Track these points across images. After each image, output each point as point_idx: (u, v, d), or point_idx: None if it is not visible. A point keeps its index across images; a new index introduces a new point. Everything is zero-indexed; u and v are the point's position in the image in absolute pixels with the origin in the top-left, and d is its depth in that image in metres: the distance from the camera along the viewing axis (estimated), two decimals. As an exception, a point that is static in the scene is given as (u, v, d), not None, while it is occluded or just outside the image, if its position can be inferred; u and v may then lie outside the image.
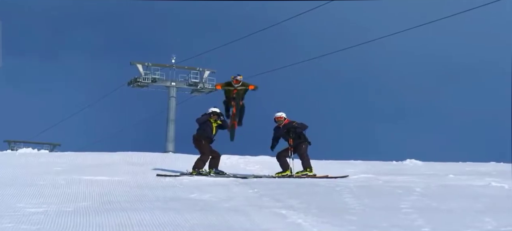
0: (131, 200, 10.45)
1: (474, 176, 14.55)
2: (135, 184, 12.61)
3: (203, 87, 50.62)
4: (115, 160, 17.35)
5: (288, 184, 12.86)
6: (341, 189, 11.78)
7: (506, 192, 11.57)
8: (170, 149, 46.47)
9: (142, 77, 49.75)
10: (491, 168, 17.40)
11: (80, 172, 14.09)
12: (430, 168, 17.66)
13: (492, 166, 18.41)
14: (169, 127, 48.71)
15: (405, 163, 19.29)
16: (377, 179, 13.87)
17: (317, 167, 14.95)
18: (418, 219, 8.76)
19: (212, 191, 11.67)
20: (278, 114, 15.08)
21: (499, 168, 17.78)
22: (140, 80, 49.77)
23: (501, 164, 19.04)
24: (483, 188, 12.16)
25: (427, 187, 12.10)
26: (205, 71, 50.71)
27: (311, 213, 9.15)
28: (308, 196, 10.99)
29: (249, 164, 17.53)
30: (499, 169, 17.00)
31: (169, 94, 50.11)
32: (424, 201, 10.39)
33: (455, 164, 19.06)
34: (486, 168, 17.61)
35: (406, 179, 13.71)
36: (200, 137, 14.63)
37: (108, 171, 14.49)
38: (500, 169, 17.22)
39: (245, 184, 12.87)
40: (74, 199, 10.54)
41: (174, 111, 49.59)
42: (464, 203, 10.30)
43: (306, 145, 14.81)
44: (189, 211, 9.21)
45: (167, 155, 24.22)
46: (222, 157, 15.21)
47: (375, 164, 18.87)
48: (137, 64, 49.94)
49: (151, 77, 49.82)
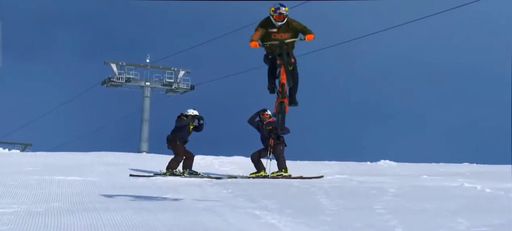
0: (104, 200, 10.37)
1: (447, 177, 14.70)
2: (108, 185, 12.52)
3: (177, 87, 50.40)
4: (88, 160, 17.21)
5: (262, 184, 12.86)
6: (316, 190, 11.81)
7: (479, 193, 11.69)
8: (144, 149, 46.21)
9: (116, 76, 49.38)
10: (464, 169, 17.57)
11: (52, 172, 13.95)
12: (404, 169, 17.79)
13: (465, 167, 18.59)
14: (143, 127, 48.43)
15: (380, 164, 19.40)
16: (351, 179, 13.95)
17: (292, 168, 14.97)
18: (392, 220, 8.78)
19: (186, 191, 11.64)
20: (265, 110, 15.04)
21: (472, 169, 17.98)
22: (114, 79, 49.40)
23: (474, 165, 19.26)
24: (456, 188, 12.29)
25: (401, 188, 12.19)
26: (180, 71, 50.48)
27: (285, 213, 9.14)
28: (282, 196, 11.01)
29: (223, 165, 17.51)
30: (472, 170, 17.18)
31: (144, 94, 49.81)
32: (398, 202, 10.45)
33: (429, 165, 19.21)
34: (459, 169, 17.78)
35: (380, 180, 13.80)
36: (174, 138, 14.59)
37: (81, 172, 14.37)
38: (473, 170, 17.41)
39: (220, 184, 12.85)
40: (46, 199, 10.42)
41: (148, 111, 49.32)
42: (437, 203, 10.37)
43: (283, 147, 14.86)
44: (163, 211, 9.15)
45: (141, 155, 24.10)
46: (196, 158, 15.20)
47: (350, 164, 18.95)
48: (111, 64, 49.56)
49: (125, 77, 49.47)
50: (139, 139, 48.31)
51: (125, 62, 49.89)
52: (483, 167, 18.75)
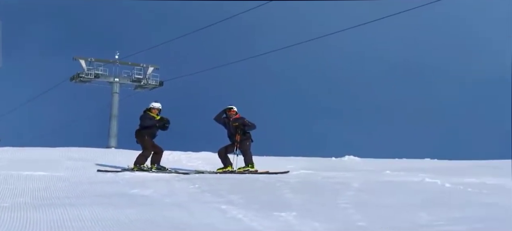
0: (71, 195, 10.35)
1: (409, 172, 14.96)
2: (76, 180, 12.48)
3: (146, 83, 50.20)
4: (56, 155, 17.10)
5: (229, 179, 12.96)
6: (281, 185, 11.95)
7: (439, 188, 11.95)
8: (113, 144, 45.96)
9: (85, 72, 48.96)
10: (425, 165, 17.94)
11: (19, 168, 13.84)
12: (367, 164, 18.09)
13: (427, 163, 18.97)
14: (112, 123, 48.14)
15: (344, 159, 19.66)
16: (316, 175, 14.11)
17: (258, 163, 15.10)
18: (355, 214, 8.94)
19: (154, 186, 11.66)
20: (231, 107, 15.13)
21: (433, 164, 18.37)
22: (83, 75, 48.98)
23: (435, 161, 19.67)
24: (418, 184, 12.52)
25: (364, 183, 12.38)
26: (149, 67, 50.28)
27: (251, 208, 9.26)
28: (248, 191, 11.12)
29: (191, 160, 17.57)
30: (433, 166, 17.55)
31: (112, 90, 49.49)
32: (361, 196, 10.63)
33: (392, 161, 19.54)
34: (421, 164, 18.15)
35: (345, 175, 13.99)
36: (143, 132, 14.57)
37: (48, 167, 14.28)
38: (434, 165, 17.79)
39: (187, 179, 12.90)
40: (12, 194, 10.36)
41: (117, 107, 49.02)
42: (399, 198, 10.58)
43: (250, 142, 14.96)
44: (130, 206, 9.19)
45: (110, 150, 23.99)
46: (165, 153, 15.19)
47: (315, 160, 19.18)
48: (80, 59, 49.12)
49: (94, 73, 49.09)
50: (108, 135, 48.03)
51: (94, 58, 49.50)
52: (443, 162, 19.18)
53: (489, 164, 18.27)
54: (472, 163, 18.82)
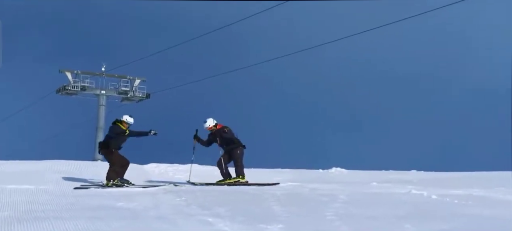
0: (56, 209, 10.28)
1: (396, 184, 15.00)
2: (61, 193, 12.41)
3: (133, 95, 50.12)
4: (41, 168, 16.99)
5: (216, 191, 12.91)
6: (268, 197, 11.92)
7: (425, 199, 11.97)
8: (99, 157, 45.73)
9: (71, 84, 48.81)
10: (412, 176, 17.99)
11: (4, 181, 13.74)
12: (354, 176, 18.10)
13: (413, 175, 19.02)
14: (98, 135, 47.95)
15: (331, 171, 19.68)
16: (303, 186, 14.09)
17: (246, 175, 15.06)
18: (342, 226, 8.93)
19: (139, 199, 11.60)
20: (205, 125, 14.94)
21: (420, 176, 18.42)
22: (69, 88, 48.82)
23: (422, 173, 19.74)
24: (404, 195, 12.53)
25: (351, 195, 12.38)
26: (136, 80, 50.23)
27: (237, 220, 9.22)
28: (235, 203, 11.07)
29: (177, 172, 17.50)
30: (419, 177, 17.61)
31: (99, 102, 49.36)
32: (348, 208, 10.61)
33: (379, 173, 19.57)
34: (408, 176, 18.20)
35: (332, 187, 13.99)
36: (108, 145, 14.27)
37: (34, 180, 14.18)
38: (421, 177, 17.84)
39: (173, 192, 12.84)
40: (-3, 208, 10.28)
41: (103, 119, 48.89)
42: (386, 209, 10.57)
43: (241, 150, 14.75)
44: (115, 219, 9.13)
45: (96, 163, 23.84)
46: (151, 165, 15.10)
47: (302, 172, 19.18)
48: (66, 72, 48.98)
49: (80, 85, 48.94)
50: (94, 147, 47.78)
51: (80, 71, 49.37)
52: (430, 174, 19.26)
53: (477, 175, 18.36)
54: (461, 174, 18.90)
